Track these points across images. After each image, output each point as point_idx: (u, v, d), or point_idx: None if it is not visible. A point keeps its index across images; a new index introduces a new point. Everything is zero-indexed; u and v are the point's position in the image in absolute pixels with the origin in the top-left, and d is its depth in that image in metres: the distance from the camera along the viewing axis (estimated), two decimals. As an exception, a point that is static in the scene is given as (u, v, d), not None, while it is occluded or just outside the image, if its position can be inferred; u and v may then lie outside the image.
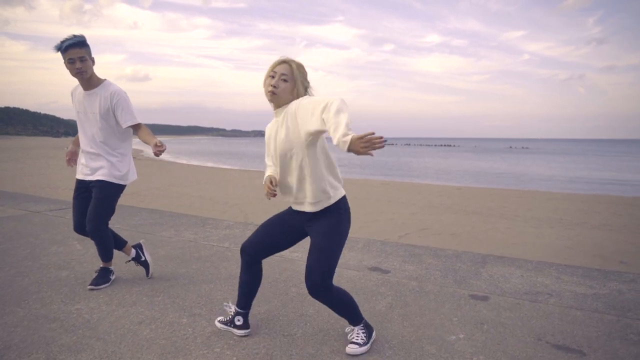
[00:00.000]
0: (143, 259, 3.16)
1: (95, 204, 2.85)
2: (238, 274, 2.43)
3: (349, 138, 1.64)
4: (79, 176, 2.95)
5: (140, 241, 3.25)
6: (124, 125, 2.86)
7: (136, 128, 2.91)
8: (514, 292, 3.01)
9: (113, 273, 3.10)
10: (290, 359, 2.07)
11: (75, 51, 2.65)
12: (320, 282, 1.98)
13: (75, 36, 2.67)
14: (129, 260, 3.14)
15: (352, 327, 2.21)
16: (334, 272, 2.03)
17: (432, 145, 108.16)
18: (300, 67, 2.07)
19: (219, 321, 2.36)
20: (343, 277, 3.28)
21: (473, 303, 2.81)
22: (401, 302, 2.82)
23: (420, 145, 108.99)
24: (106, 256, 3.02)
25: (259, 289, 2.35)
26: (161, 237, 4.45)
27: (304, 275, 2.04)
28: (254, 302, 2.63)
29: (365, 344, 2.14)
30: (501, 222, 8.61)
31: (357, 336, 2.16)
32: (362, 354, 2.11)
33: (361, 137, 1.62)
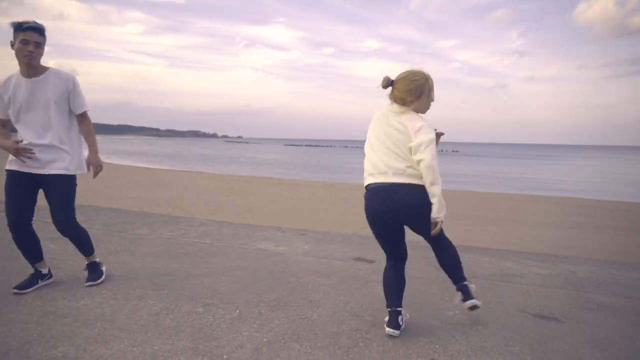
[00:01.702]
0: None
1: (63, 200, 2.74)
2: (231, 268, 2.54)
3: None
4: (23, 169, 2.65)
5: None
6: (78, 112, 2.78)
7: (82, 118, 2.83)
8: (487, 275, 3.38)
9: (102, 264, 3.07)
10: (316, 337, 2.25)
11: (34, 35, 2.55)
12: None
13: (36, 23, 2.59)
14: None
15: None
16: None
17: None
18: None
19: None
20: (334, 267, 3.49)
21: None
22: (395, 286, 3.08)
23: (358, 147, 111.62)
24: (88, 250, 2.96)
25: (261, 278, 2.47)
26: (137, 235, 4.40)
27: (295, 267, 2.21)
28: (262, 290, 2.78)
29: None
30: (463, 221, 9.24)
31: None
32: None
33: None
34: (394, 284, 2.39)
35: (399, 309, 2.32)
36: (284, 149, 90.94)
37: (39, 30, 2.59)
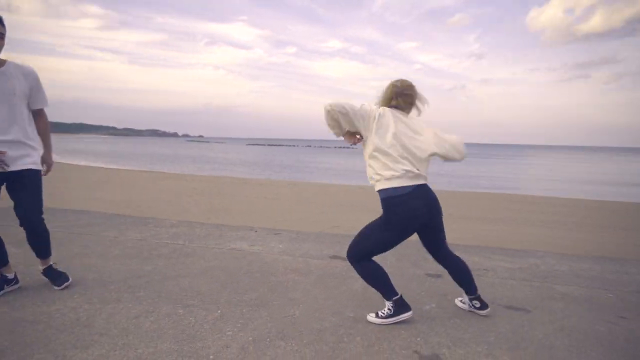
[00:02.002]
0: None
1: (36, 194, 2.66)
2: (208, 268, 2.53)
3: None
4: None
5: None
6: (39, 107, 2.71)
7: (40, 114, 2.76)
8: (458, 270, 3.51)
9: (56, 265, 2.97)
10: (301, 335, 2.28)
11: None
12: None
13: None
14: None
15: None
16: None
17: (332, 147, 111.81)
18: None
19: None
20: (311, 265, 3.52)
21: (431, 280, 3.25)
22: (372, 282, 3.15)
23: (321, 147, 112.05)
24: (47, 252, 2.85)
25: (240, 278, 2.50)
26: (105, 237, 4.27)
27: (273, 266, 2.25)
28: (242, 289, 2.78)
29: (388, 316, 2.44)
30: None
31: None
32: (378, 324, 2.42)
33: None
34: (387, 275, 2.49)
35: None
36: (247, 148, 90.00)
37: (1, 21, 2.47)
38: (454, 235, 7.39)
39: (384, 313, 2.46)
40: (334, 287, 3.04)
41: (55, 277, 2.87)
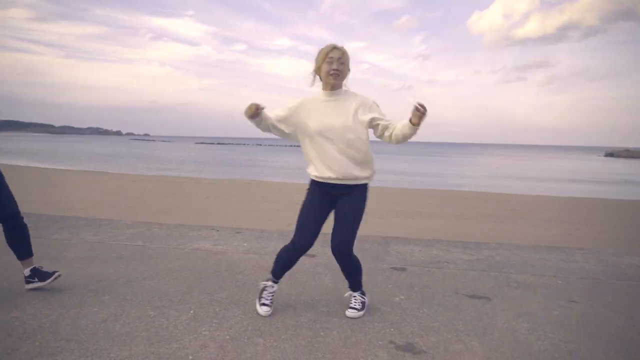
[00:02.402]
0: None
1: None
2: (174, 269, 2.51)
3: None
4: None
5: None
6: None
7: None
8: (420, 263, 3.65)
9: None
10: (278, 331, 2.29)
11: None
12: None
13: None
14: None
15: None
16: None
17: (282, 145, 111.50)
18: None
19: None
20: (278, 263, 3.52)
21: (397, 273, 3.35)
22: (340, 277, 3.17)
23: (271, 145, 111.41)
24: (31, 250, 2.74)
25: (208, 278, 2.69)
26: (57, 240, 4.04)
27: (240, 265, 2.29)
28: (212, 289, 2.76)
29: (362, 309, 2.50)
30: (371, 215, 9.69)
31: (356, 302, 2.53)
32: (359, 317, 2.47)
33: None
34: None
35: None
36: (196, 147, 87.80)
37: None
38: (410, 230, 7.64)
39: (361, 304, 2.52)
40: (304, 282, 3.07)
41: (45, 275, 2.73)
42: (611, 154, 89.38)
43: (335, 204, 2.43)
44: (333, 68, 2.30)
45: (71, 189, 12.73)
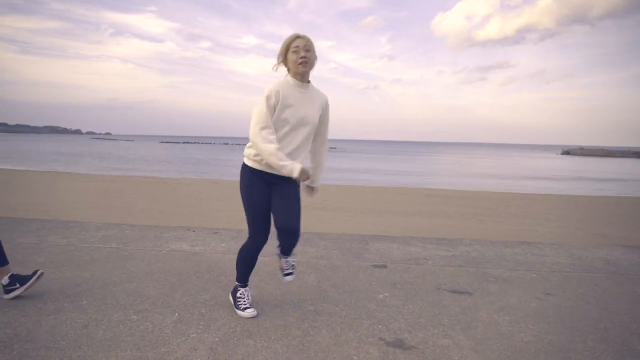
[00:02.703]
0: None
1: None
2: (152, 271, 2.48)
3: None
4: None
5: None
6: None
7: None
8: (400, 260, 3.71)
9: None
10: (267, 331, 2.27)
11: None
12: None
13: None
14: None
15: (285, 257, 2.63)
16: None
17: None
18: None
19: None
20: (259, 263, 3.48)
21: (378, 271, 3.39)
22: (324, 276, 3.22)
23: (238, 144, 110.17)
24: (5, 258, 2.62)
25: (189, 279, 2.74)
26: (23, 244, 3.85)
27: (220, 266, 2.45)
28: (194, 291, 2.71)
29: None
30: (328, 213, 9.75)
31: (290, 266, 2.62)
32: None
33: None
34: None
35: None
36: (161, 146, 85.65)
37: None
38: (380, 228, 7.74)
39: (293, 268, 2.62)
40: (289, 282, 3.03)
41: (26, 278, 2.60)
42: (567, 152, 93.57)
43: (272, 192, 2.44)
44: (301, 56, 2.29)
45: (32, 191, 12.16)
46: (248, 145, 2.40)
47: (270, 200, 2.42)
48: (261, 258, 3.60)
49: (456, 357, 2.06)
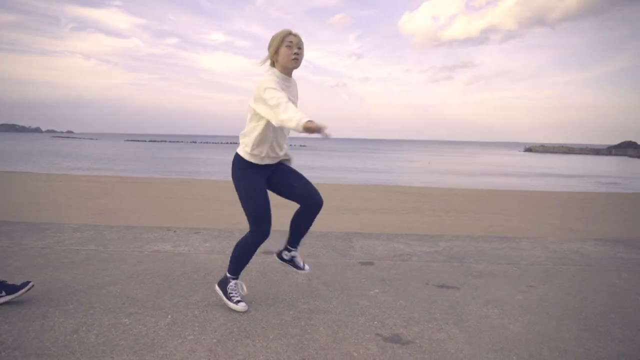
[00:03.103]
0: None
1: None
2: (137, 273, 2.78)
3: None
4: None
5: None
6: None
7: None
8: (385, 257, 3.76)
9: None
10: (265, 331, 2.26)
11: None
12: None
13: None
14: None
15: (296, 252, 2.71)
16: None
17: (218, 142, 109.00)
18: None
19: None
20: (250, 262, 3.46)
21: (366, 268, 3.42)
22: (313, 274, 3.22)
23: (207, 142, 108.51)
24: None
25: (177, 280, 2.80)
26: (-5, 247, 3.69)
27: (206, 266, 2.78)
28: (184, 292, 2.67)
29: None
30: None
31: (301, 260, 2.74)
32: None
33: None
34: None
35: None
36: (127, 145, 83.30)
37: None
38: (358, 225, 7.81)
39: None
40: (279, 281, 3.05)
41: (14, 288, 2.49)
42: (529, 149, 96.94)
43: (271, 179, 2.54)
44: (294, 52, 2.32)
45: (-9, 191, 11.61)
46: (242, 138, 2.43)
47: (268, 190, 2.50)
48: (253, 257, 3.59)
49: (452, 350, 2.11)
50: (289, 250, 2.71)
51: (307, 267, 2.74)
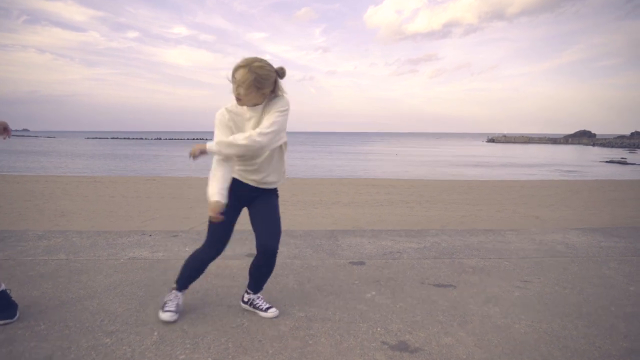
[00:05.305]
0: None
1: None
2: (114, 284, 2.62)
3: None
4: None
5: None
6: None
7: None
8: (375, 255, 3.64)
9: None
10: (262, 345, 2.10)
11: None
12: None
13: None
14: None
15: (254, 295, 2.47)
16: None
17: (184, 139, 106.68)
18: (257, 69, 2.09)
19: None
20: (229, 267, 3.27)
21: (358, 269, 3.30)
22: (304, 277, 3.07)
23: (172, 139, 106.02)
24: None
25: (159, 291, 2.62)
26: (-50, 261, 3.34)
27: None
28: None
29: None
30: (292, 206, 9.60)
31: (263, 302, 2.46)
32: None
33: None
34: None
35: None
36: (87, 142, 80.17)
37: None
38: (331, 220, 7.70)
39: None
40: (268, 287, 2.85)
41: (3, 307, 2.27)
42: (492, 139, 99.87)
43: (252, 204, 2.41)
44: (237, 93, 2.14)
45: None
46: None
47: (236, 217, 2.36)
48: (230, 262, 3.40)
49: (464, 355, 2.01)
50: (248, 293, 2.49)
51: (272, 311, 2.42)
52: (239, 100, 2.14)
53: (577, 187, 15.83)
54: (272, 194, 2.40)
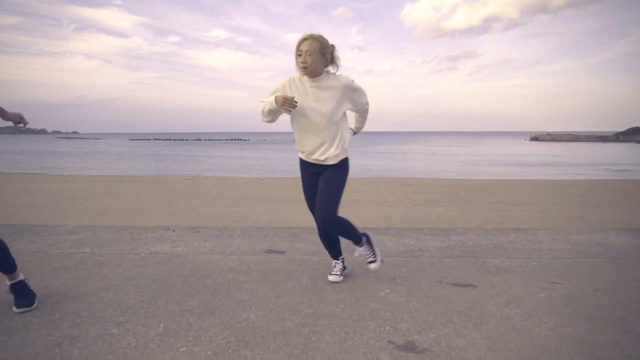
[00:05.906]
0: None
1: None
2: (131, 277, 2.65)
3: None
4: None
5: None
6: None
7: None
8: (395, 253, 3.54)
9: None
10: (264, 340, 2.06)
11: None
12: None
13: None
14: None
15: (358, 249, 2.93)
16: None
17: (222, 139, 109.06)
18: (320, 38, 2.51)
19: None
20: (248, 262, 3.27)
21: (374, 267, 3.20)
22: (318, 274, 3.02)
23: (211, 140, 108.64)
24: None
25: (173, 284, 2.70)
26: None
27: (205, 268, 2.72)
28: (180, 297, 2.48)
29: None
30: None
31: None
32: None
33: None
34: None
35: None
36: (131, 144, 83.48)
37: None
38: (365, 219, 7.59)
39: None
40: (281, 283, 2.84)
41: (22, 295, 2.41)
42: (535, 138, 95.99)
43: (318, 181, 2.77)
44: (301, 61, 2.49)
45: (-6, 193, 11.53)
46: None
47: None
48: (247, 257, 3.39)
49: (474, 358, 1.90)
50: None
51: (371, 265, 2.87)
52: (305, 68, 2.48)
53: (627, 187, 14.91)
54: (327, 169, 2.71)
